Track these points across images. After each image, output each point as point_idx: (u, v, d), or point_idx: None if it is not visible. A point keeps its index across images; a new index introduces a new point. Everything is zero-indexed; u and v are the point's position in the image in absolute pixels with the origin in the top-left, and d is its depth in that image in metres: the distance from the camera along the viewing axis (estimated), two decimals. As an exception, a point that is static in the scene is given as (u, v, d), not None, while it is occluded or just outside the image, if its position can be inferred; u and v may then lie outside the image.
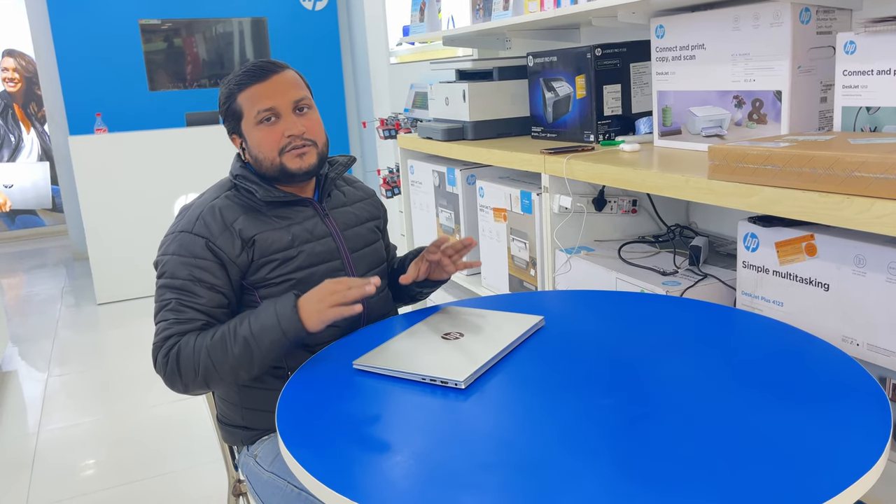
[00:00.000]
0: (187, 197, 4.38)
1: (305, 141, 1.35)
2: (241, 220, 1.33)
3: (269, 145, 1.34)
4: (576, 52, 1.99)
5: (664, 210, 2.02)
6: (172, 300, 1.27)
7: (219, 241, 1.30)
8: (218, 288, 1.30)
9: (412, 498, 0.79)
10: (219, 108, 1.40)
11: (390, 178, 3.46)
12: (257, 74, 1.33)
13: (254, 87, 1.33)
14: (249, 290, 1.34)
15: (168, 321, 1.26)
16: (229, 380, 1.24)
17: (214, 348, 1.22)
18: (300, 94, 1.35)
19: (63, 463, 2.44)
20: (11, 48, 6.10)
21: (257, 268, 1.33)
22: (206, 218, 1.32)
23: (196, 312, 1.27)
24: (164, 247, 1.33)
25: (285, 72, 1.36)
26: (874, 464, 0.80)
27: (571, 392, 1.02)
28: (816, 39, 1.43)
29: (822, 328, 1.26)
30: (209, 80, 5.57)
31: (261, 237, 1.33)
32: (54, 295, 4.57)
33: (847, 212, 1.07)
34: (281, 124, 1.34)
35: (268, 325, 1.21)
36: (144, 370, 3.22)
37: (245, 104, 1.34)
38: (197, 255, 1.29)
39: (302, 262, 1.35)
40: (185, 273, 1.28)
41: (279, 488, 1.27)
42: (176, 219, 1.37)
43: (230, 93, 1.36)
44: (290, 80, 1.35)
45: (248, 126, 1.35)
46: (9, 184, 6.25)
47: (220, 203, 1.35)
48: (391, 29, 4.69)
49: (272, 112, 1.33)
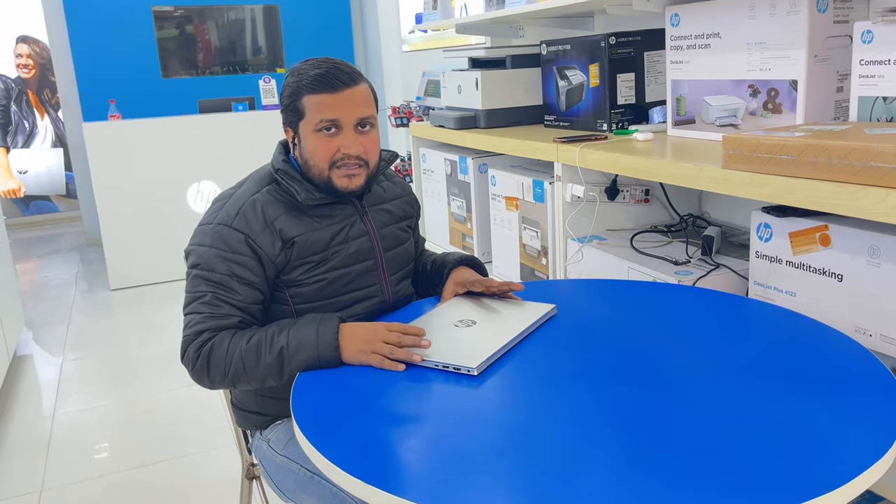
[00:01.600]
0: (200, 183, 4.41)
1: (359, 161, 1.31)
2: (283, 219, 1.30)
3: (322, 156, 1.30)
4: (590, 41, 1.98)
5: (677, 200, 2.02)
6: (208, 293, 1.25)
7: (259, 239, 1.28)
8: (255, 285, 1.28)
9: (425, 481, 0.80)
10: (279, 97, 1.35)
11: (402, 167, 3.46)
12: (330, 84, 1.28)
13: (323, 96, 1.28)
14: (280, 287, 1.33)
15: (202, 314, 1.24)
16: (256, 385, 1.23)
17: (249, 354, 1.20)
18: (367, 112, 1.31)
19: (78, 446, 2.48)
20: (25, 34, 6.13)
21: (292, 268, 1.31)
22: (247, 213, 1.29)
23: (232, 308, 1.26)
24: (199, 237, 1.30)
25: (359, 86, 1.30)
26: (885, 453, 0.80)
27: (583, 379, 1.02)
28: (833, 28, 1.42)
29: (836, 318, 1.26)
30: (221, 67, 5.59)
31: (301, 239, 1.30)
32: (68, 280, 4.61)
33: (862, 202, 1.07)
34: (339, 138, 1.30)
35: (305, 342, 1.19)
36: (158, 355, 3.25)
37: (309, 107, 1.29)
38: (236, 250, 1.27)
39: (336, 264, 1.34)
40: (223, 268, 1.26)
41: (292, 472, 1.29)
42: (212, 208, 1.34)
43: (297, 90, 1.30)
44: (361, 97, 1.30)
45: (306, 129, 1.31)
46: (23, 170, 6.30)
47: (261, 199, 1.32)
48: (404, 16, 4.67)
49: (334, 124, 1.29)
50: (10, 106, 6.18)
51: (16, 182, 6.30)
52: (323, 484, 1.22)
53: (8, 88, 6.15)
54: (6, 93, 6.15)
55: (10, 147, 6.23)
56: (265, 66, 5.69)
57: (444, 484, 0.79)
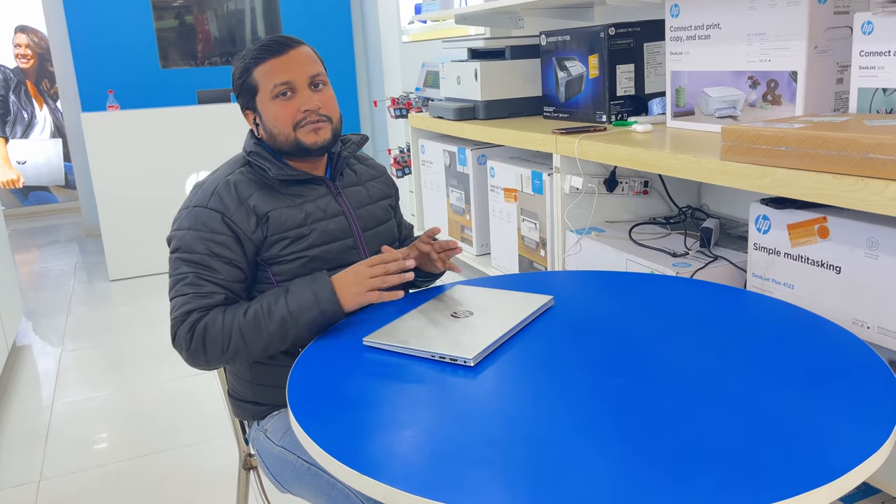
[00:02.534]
0: (199, 174, 4.40)
1: (321, 116, 1.36)
2: (256, 196, 1.34)
3: (284, 120, 1.34)
4: (589, 32, 1.97)
5: (676, 192, 2.01)
6: (190, 274, 1.28)
7: (234, 217, 1.31)
8: (235, 262, 1.31)
9: (421, 471, 0.80)
10: (232, 84, 1.40)
11: (401, 158, 3.45)
12: (274, 49, 1.34)
13: (270, 62, 1.33)
14: (262, 266, 1.35)
15: (187, 295, 1.27)
16: (257, 356, 1.26)
17: (248, 327, 1.23)
18: (316, 69, 1.36)
19: (76, 436, 2.48)
20: (24, 24, 6.10)
21: (270, 244, 1.34)
22: (222, 193, 1.33)
23: (215, 286, 1.28)
24: (178, 222, 1.33)
25: (301, 47, 1.36)
26: (881, 445, 0.80)
27: (580, 370, 1.02)
28: (833, 20, 1.41)
29: (833, 311, 1.26)
30: (220, 57, 5.57)
31: (274, 214, 1.33)
32: (67, 271, 4.61)
33: (861, 194, 1.07)
34: (297, 99, 1.34)
35: (306, 303, 1.23)
36: (156, 346, 3.26)
37: (261, 79, 1.34)
38: (213, 229, 1.30)
39: (315, 240, 1.36)
40: (202, 248, 1.29)
41: (289, 462, 1.29)
42: (189, 195, 1.37)
43: (245, 67, 1.36)
44: (307, 56, 1.36)
45: (264, 101, 1.35)
46: (22, 160, 6.29)
47: (234, 178, 1.35)
48: (403, 7, 4.65)
49: (288, 86, 1.33)
50: (8, 96, 6.17)
51: (14, 173, 6.29)
52: (320, 474, 1.22)
53: (6, 79, 6.13)
54: (5, 83, 6.13)
55: (9, 137, 6.22)
56: (264, 57, 5.67)
57: (440, 474, 0.79)
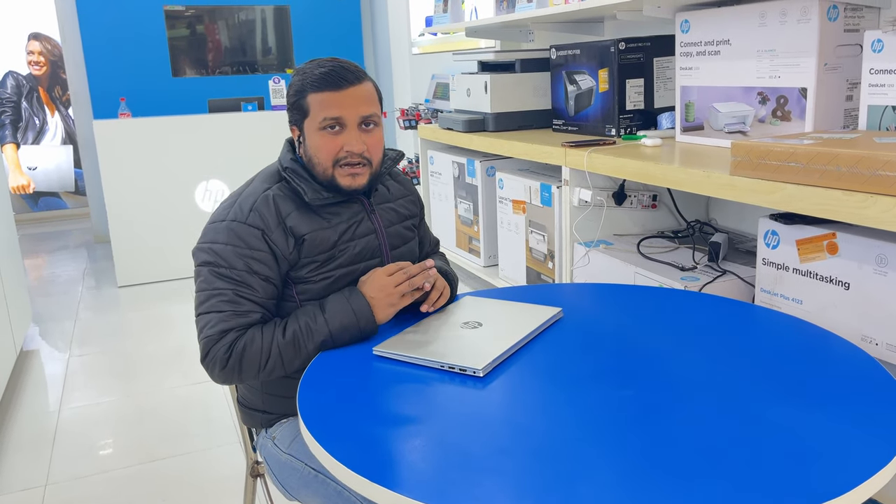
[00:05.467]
0: (208, 182, 4.42)
1: (362, 160, 1.33)
2: (294, 216, 1.32)
3: (326, 153, 1.32)
4: (599, 46, 1.98)
5: (684, 206, 2.02)
6: (228, 291, 1.25)
7: (274, 235, 1.29)
8: (272, 280, 1.29)
9: (430, 480, 0.80)
10: (286, 96, 1.37)
11: (410, 169, 3.47)
12: (335, 82, 1.29)
13: (327, 93, 1.30)
14: (288, 283, 1.34)
15: (224, 313, 1.24)
16: (292, 372, 1.27)
17: (287, 347, 1.23)
18: (370, 110, 1.32)
19: (83, 441, 2.49)
20: (37, 32, 6.16)
21: (302, 266, 1.32)
22: (261, 209, 1.30)
23: (253, 304, 1.26)
24: (211, 234, 1.30)
25: (362, 84, 1.32)
26: (889, 462, 0.80)
27: (588, 382, 1.03)
28: (844, 37, 1.42)
29: (842, 327, 1.26)
30: (231, 67, 5.61)
31: (310, 237, 1.32)
32: (76, 277, 4.63)
33: (870, 210, 1.07)
34: (343, 136, 1.31)
35: (347, 322, 1.25)
36: (164, 352, 3.27)
37: (313, 105, 1.31)
38: (253, 246, 1.28)
39: (343, 262, 1.35)
40: (241, 264, 1.26)
41: (296, 470, 1.29)
42: (222, 207, 1.34)
43: (302, 88, 1.32)
44: (365, 95, 1.32)
45: (311, 127, 1.32)
46: (33, 166, 6.34)
47: (273, 193, 1.33)
48: (414, 19, 4.68)
49: (338, 122, 1.30)
50: (20, 102, 6.22)
51: (25, 178, 6.33)
52: (327, 482, 1.23)
53: (19, 85, 6.19)
54: (17, 89, 6.19)
55: (21, 143, 6.27)
56: (275, 67, 5.71)
57: (448, 483, 0.80)
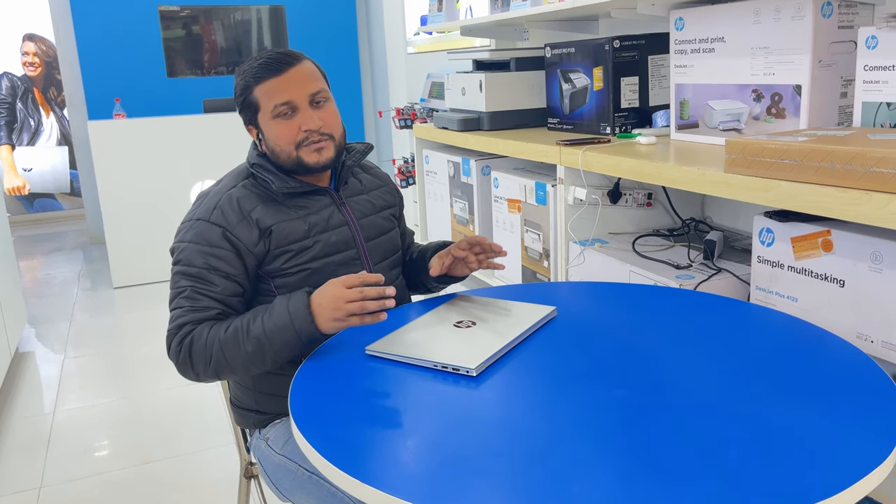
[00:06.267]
0: (204, 183, 4.41)
1: (322, 135, 1.34)
2: (259, 209, 1.33)
3: (285, 139, 1.33)
4: (594, 44, 1.98)
5: (679, 204, 2.01)
6: (188, 287, 1.28)
7: (236, 231, 1.30)
8: (233, 277, 1.30)
9: (423, 481, 0.80)
10: (234, 99, 1.39)
11: (405, 168, 3.46)
12: (273, 67, 1.32)
13: (270, 81, 1.31)
14: (265, 279, 1.35)
15: (183, 308, 1.27)
16: (241, 374, 1.25)
17: (227, 343, 1.22)
18: (317, 86, 1.34)
19: (78, 443, 2.48)
20: (32, 33, 6.15)
21: (273, 258, 1.33)
22: (224, 207, 1.32)
23: (211, 300, 1.28)
24: (180, 234, 1.34)
25: (302, 64, 1.34)
26: (884, 460, 0.80)
27: (583, 382, 1.02)
28: (838, 34, 1.42)
29: (837, 324, 1.26)
30: (227, 67, 5.60)
31: (278, 227, 1.33)
32: (71, 278, 4.61)
33: (865, 207, 1.07)
34: (297, 118, 1.33)
35: (281, 324, 1.20)
36: (159, 353, 3.26)
37: (261, 98, 1.33)
38: (213, 243, 1.30)
39: (317, 252, 1.36)
40: (200, 261, 1.29)
41: (290, 471, 1.29)
42: (193, 206, 1.37)
43: (246, 85, 1.34)
44: (307, 73, 1.34)
45: (265, 119, 1.34)
46: (28, 167, 6.32)
47: (237, 192, 1.35)
48: (409, 18, 4.68)
49: (289, 106, 1.32)
50: (15, 104, 6.20)
51: (20, 179, 6.31)
52: (321, 483, 1.22)
53: (14, 86, 6.17)
54: (12, 91, 6.17)
55: (16, 145, 6.25)
56: (270, 67, 5.70)
57: (441, 484, 0.79)
